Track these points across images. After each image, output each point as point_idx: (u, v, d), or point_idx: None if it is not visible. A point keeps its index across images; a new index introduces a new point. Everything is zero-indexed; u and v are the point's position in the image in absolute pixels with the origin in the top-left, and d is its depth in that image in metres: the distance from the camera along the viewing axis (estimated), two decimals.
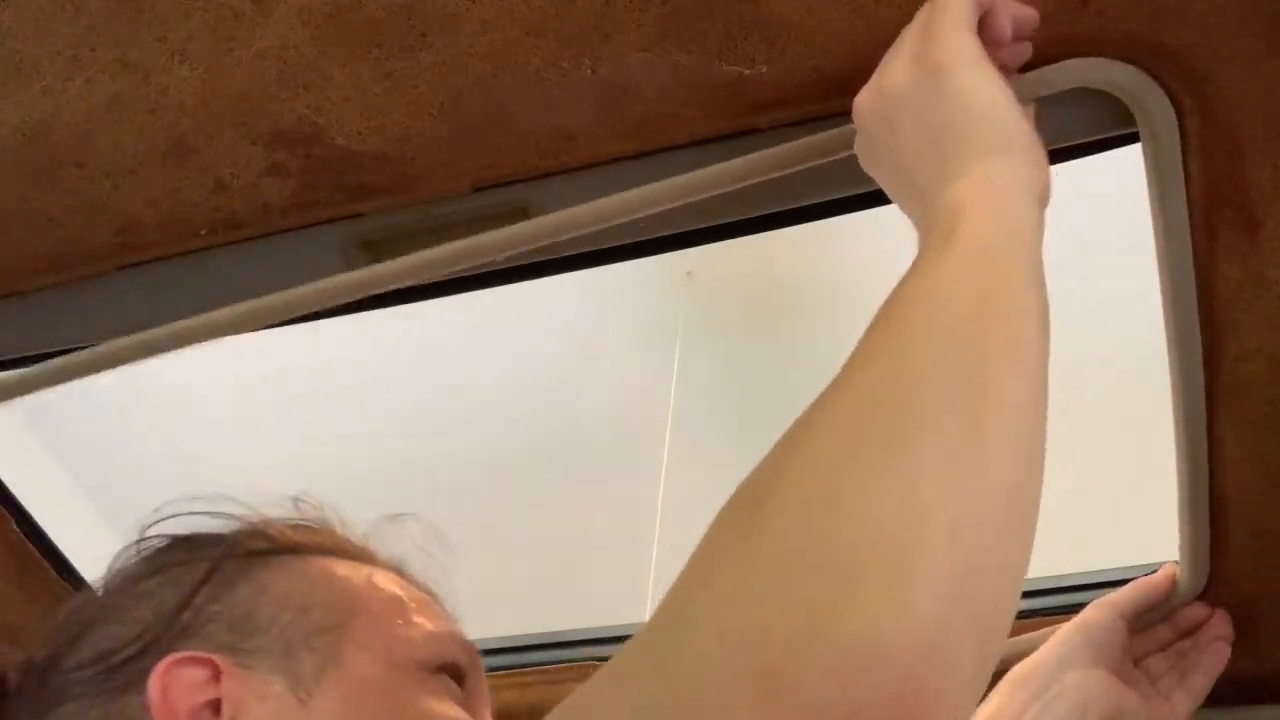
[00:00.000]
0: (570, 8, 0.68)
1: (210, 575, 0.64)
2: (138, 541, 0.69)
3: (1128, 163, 0.77)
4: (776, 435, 0.53)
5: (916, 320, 0.52)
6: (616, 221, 0.75)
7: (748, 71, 0.71)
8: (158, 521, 0.69)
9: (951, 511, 0.44)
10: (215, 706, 0.59)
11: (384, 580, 0.67)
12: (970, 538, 0.44)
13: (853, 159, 0.69)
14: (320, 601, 0.63)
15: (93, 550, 0.80)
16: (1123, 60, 0.69)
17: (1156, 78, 0.70)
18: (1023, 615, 1.06)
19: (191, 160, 0.77)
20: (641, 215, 0.75)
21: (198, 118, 0.74)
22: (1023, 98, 0.69)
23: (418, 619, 0.65)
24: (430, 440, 2.73)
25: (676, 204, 0.74)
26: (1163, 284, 0.79)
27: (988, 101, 0.62)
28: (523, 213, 0.80)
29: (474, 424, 2.72)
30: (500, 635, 1.24)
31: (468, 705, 0.64)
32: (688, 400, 2.38)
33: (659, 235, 0.83)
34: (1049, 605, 1.05)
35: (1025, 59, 0.68)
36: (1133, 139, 0.74)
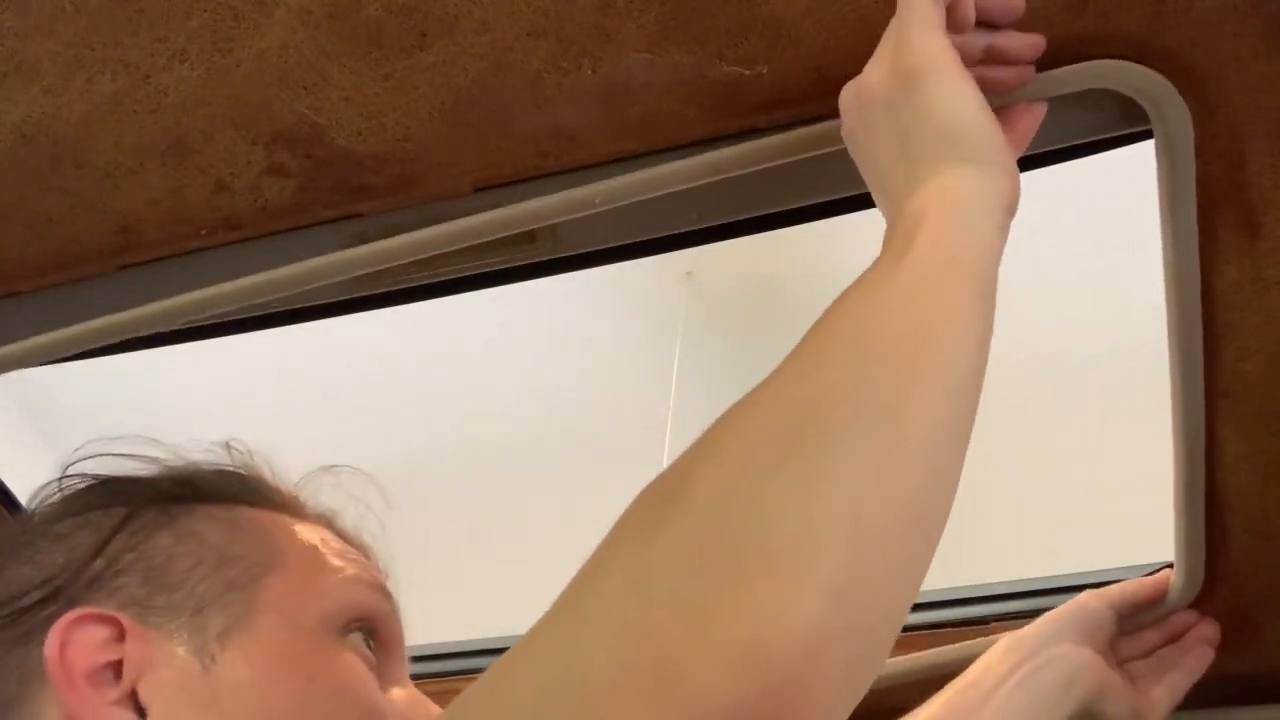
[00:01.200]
0: (570, 8, 0.68)
1: (127, 522, 0.61)
2: (59, 479, 0.65)
3: (1127, 164, 0.77)
4: None
5: (852, 335, 0.54)
6: (610, 206, 0.75)
7: (748, 72, 0.71)
8: (79, 460, 0.65)
9: (851, 524, 0.46)
10: (117, 668, 0.56)
11: (306, 532, 0.64)
12: (865, 551, 0.46)
13: (849, 157, 0.69)
14: (237, 555, 0.61)
15: None
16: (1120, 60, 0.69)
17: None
18: (1023, 615, 1.06)
19: (191, 160, 0.77)
20: (635, 200, 0.75)
21: (198, 118, 0.74)
22: (1039, 96, 0.69)
23: (332, 570, 0.62)
24: (430, 440, 2.73)
25: (671, 189, 0.74)
26: (1167, 284, 0.79)
27: (957, 112, 0.63)
28: None
29: (473, 423, 2.73)
30: (499, 635, 1.24)
31: (382, 658, 0.62)
32: (688, 400, 2.38)
33: (659, 235, 0.83)
34: (1048, 606, 1.05)
35: (1037, 52, 0.68)
36: (1129, 140, 0.74)
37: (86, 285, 0.87)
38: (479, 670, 1.19)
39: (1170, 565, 0.97)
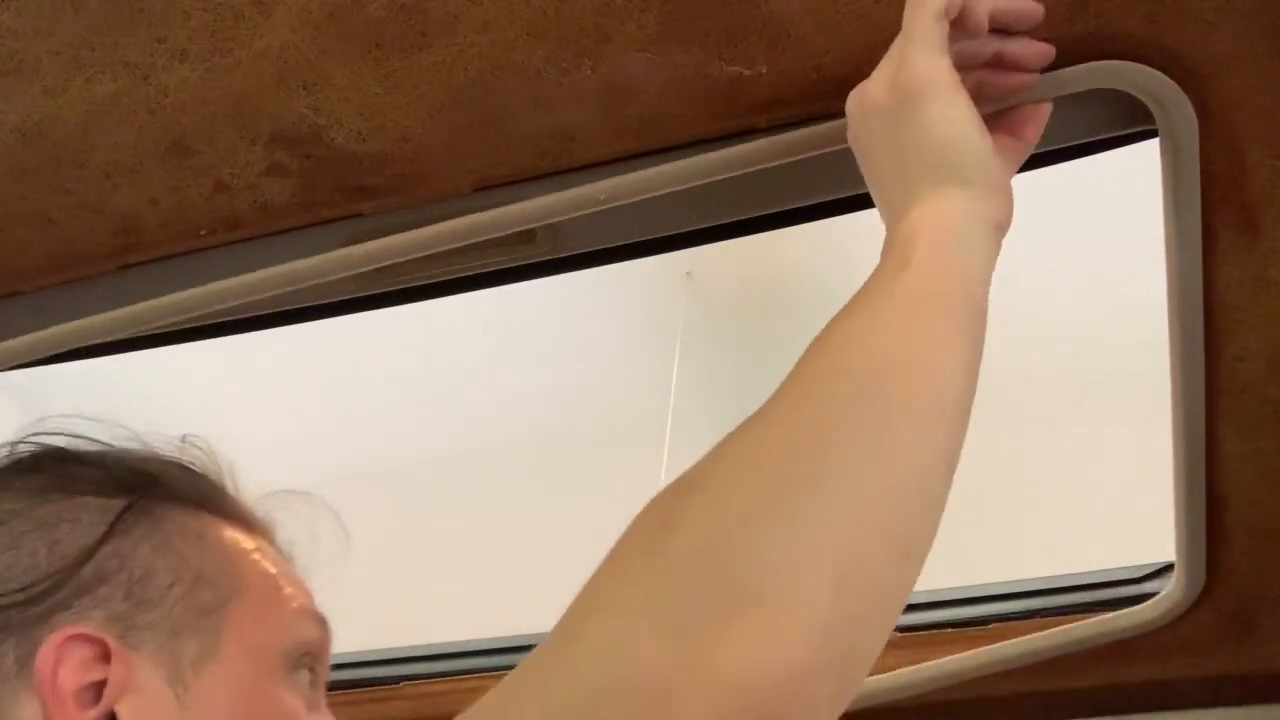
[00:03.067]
0: (570, 8, 0.68)
1: (111, 530, 0.62)
2: (14, 444, 0.66)
3: (1128, 164, 0.77)
4: None
5: (844, 366, 0.55)
6: (614, 204, 0.75)
7: (747, 72, 0.71)
8: (40, 434, 0.66)
9: (840, 561, 0.48)
10: (99, 688, 0.58)
11: (260, 552, 0.67)
12: (853, 589, 0.48)
13: (850, 157, 0.69)
14: (209, 577, 0.63)
15: None
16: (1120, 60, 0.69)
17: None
18: (1022, 615, 1.06)
19: (191, 160, 0.77)
20: (637, 198, 0.75)
21: (197, 118, 0.74)
22: (1045, 96, 0.69)
23: (286, 599, 0.65)
24: (429, 440, 2.73)
25: (674, 188, 0.74)
26: (1168, 284, 0.79)
27: (953, 134, 0.63)
28: None
29: (473, 423, 2.72)
30: (499, 635, 1.24)
31: (313, 688, 0.66)
32: (688, 400, 2.38)
33: (659, 235, 0.83)
34: (1048, 606, 1.05)
35: (1046, 60, 0.68)
36: (1130, 139, 0.74)
37: (87, 285, 0.87)
38: (477, 670, 1.19)
39: (1171, 566, 0.97)
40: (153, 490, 0.65)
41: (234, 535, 0.67)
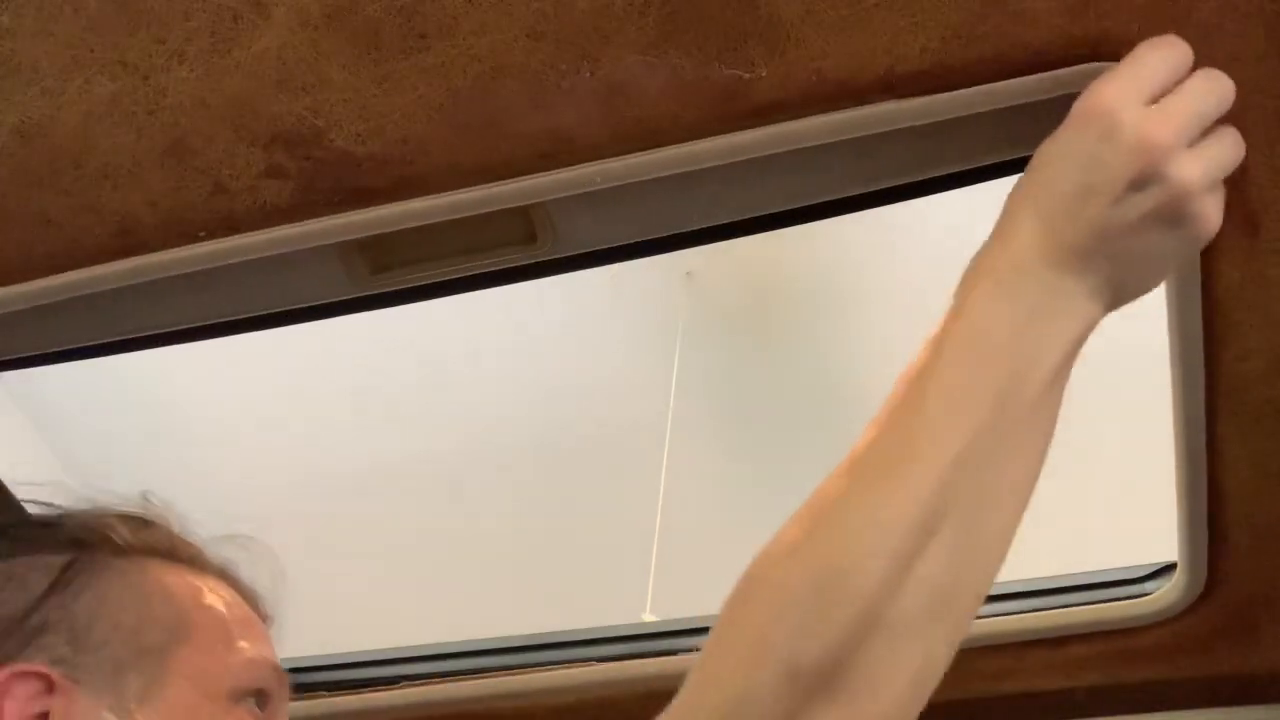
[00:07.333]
0: (569, 10, 0.68)
1: (54, 586, 0.68)
2: None
3: None
4: (775, 435, 0.54)
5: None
6: (608, 185, 0.76)
7: (747, 75, 0.71)
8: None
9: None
10: (44, 717, 0.64)
11: (212, 598, 0.72)
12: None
13: (848, 155, 0.69)
14: (152, 620, 0.68)
15: None
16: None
17: None
18: (1022, 615, 1.06)
19: (190, 162, 0.77)
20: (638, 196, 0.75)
21: (196, 119, 0.74)
22: (1043, 97, 0.69)
23: (237, 644, 0.71)
24: (429, 440, 2.73)
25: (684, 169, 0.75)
26: (1169, 284, 0.79)
27: (1162, 268, 0.65)
28: (523, 215, 0.80)
29: (473, 424, 2.73)
30: (500, 636, 1.24)
31: (268, 716, 0.70)
32: (688, 400, 2.38)
33: (659, 235, 0.83)
34: (1048, 606, 1.05)
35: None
36: None
37: (87, 285, 0.87)
38: (476, 670, 1.19)
39: (1173, 566, 0.97)
40: (98, 546, 0.71)
41: (179, 578, 0.72)
